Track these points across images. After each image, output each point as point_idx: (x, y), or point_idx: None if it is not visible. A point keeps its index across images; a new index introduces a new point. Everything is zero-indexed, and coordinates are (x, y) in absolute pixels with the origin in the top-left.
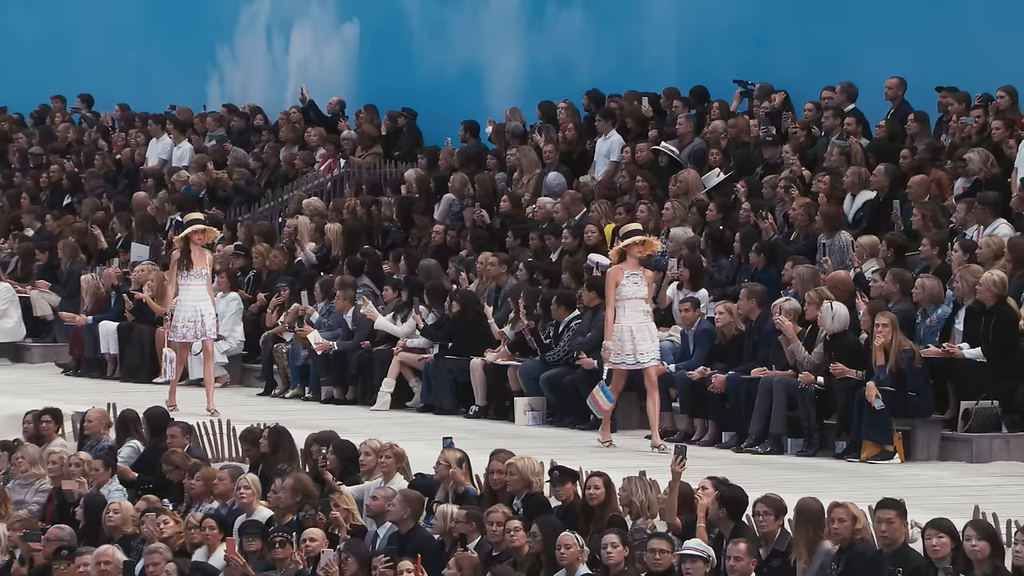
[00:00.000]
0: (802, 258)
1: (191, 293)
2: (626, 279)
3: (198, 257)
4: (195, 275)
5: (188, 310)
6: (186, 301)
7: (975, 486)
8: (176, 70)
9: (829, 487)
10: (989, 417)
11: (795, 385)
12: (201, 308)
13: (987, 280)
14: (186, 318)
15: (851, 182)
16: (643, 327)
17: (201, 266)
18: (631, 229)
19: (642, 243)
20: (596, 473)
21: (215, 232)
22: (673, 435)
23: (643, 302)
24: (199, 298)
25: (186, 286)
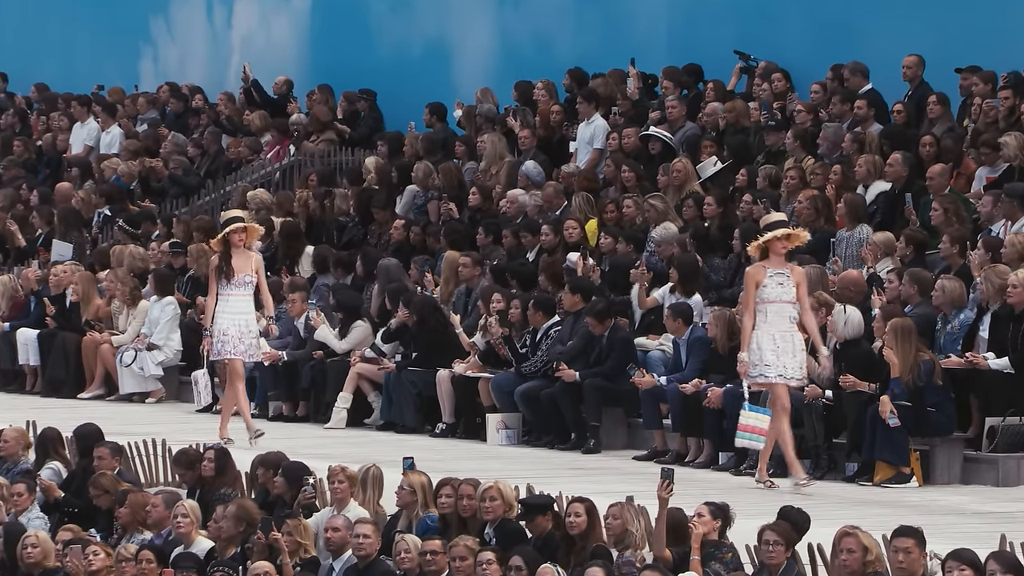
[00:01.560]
0: (808, 257)
1: (232, 305)
2: (769, 279)
3: (240, 262)
4: (237, 283)
5: (229, 324)
6: (227, 314)
7: (1001, 513)
8: (104, 45)
9: (838, 514)
10: (1017, 435)
11: (801, 400)
12: (242, 324)
13: (1016, 281)
14: (222, 331)
15: (864, 172)
16: (788, 336)
17: (245, 273)
18: (774, 220)
19: (787, 236)
20: (578, 499)
21: (258, 230)
22: (664, 456)
23: (790, 306)
24: (243, 310)
25: (227, 296)
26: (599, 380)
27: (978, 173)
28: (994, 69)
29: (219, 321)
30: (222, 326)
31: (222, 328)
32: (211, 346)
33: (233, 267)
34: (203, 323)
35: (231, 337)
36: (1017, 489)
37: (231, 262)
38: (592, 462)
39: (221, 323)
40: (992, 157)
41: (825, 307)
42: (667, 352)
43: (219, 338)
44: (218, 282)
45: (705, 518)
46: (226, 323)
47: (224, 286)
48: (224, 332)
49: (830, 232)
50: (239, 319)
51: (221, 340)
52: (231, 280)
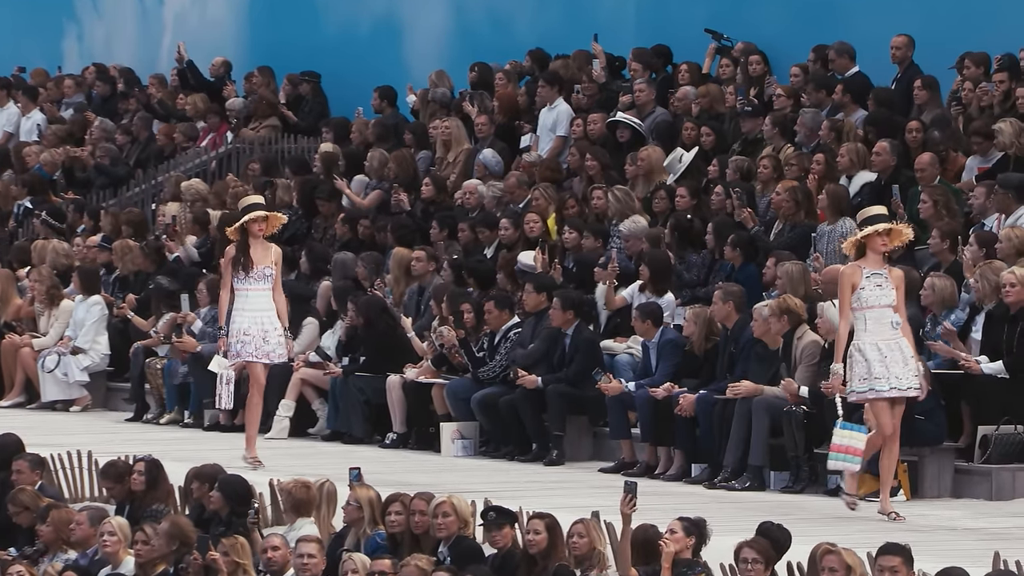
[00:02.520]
0: (787, 253)
1: (251, 301)
2: (866, 280)
3: (260, 253)
4: (256, 277)
5: (247, 322)
6: (245, 311)
7: (995, 529)
8: (24, 23)
9: (820, 529)
10: (1012, 445)
11: (780, 407)
12: (265, 321)
13: (1014, 279)
14: (242, 331)
15: (847, 162)
16: (893, 345)
17: (264, 265)
18: (873, 214)
19: (887, 233)
20: (538, 515)
21: (280, 218)
22: (632, 468)
23: (891, 311)
24: (261, 307)
25: (244, 291)
26: (562, 386)
27: (968, 163)
28: (987, 51)
29: (237, 320)
30: (241, 325)
31: (241, 327)
32: (227, 347)
33: (252, 259)
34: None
35: (253, 337)
36: (1012, 503)
37: (249, 253)
38: (555, 475)
39: (240, 322)
40: (984, 146)
41: (787, 314)
42: (636, 356)
43: (238, 338)
44: (234, 275)
45: (678, 535)
46: (246, 321)
47: (241, 280)
48: (244, 332)
49: (810, 226)
50: (260, 316)
51: (241, 340)
52: (249, 273)
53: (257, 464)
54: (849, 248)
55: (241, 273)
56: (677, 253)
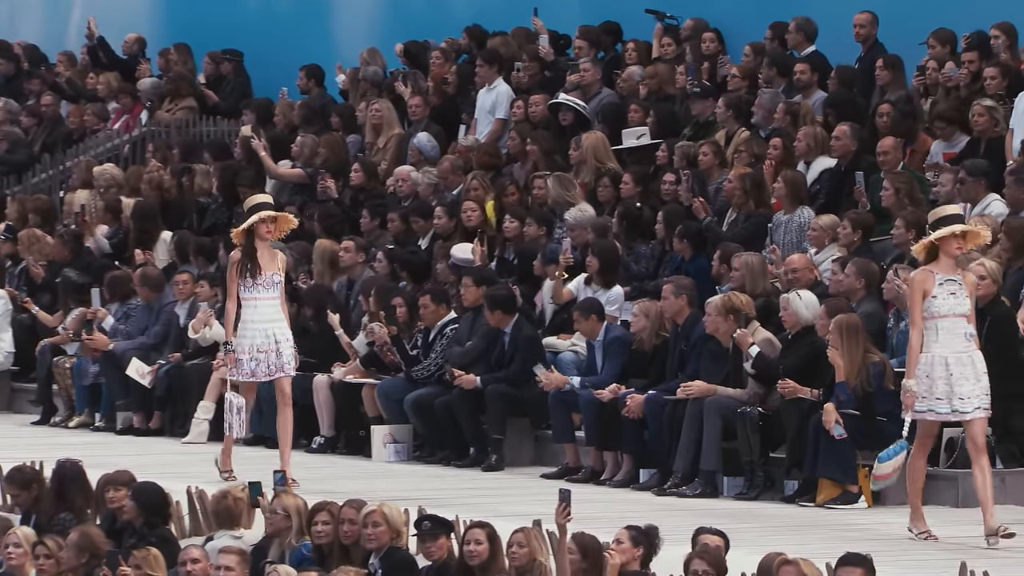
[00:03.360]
0: (736, 245)
1: (259, 311)
2: (939, 288)
3: (267, 258)
4: (264, 284)
5: (256, 335)
6: (253, 323)
7: (962, 538)
8: None
9: (776, 539)
10: None
11: (733, 408)
12: (275, 332)
13: (991, 271)
14: (254, 347)
15: (805, 147)
16: (965, 359)
17: (272, 271)
18: (947, 214)
19: (963, 235)
20: (477, 524)
21: (291, 221)
22: (576, 473)
23: (964, 321)
24: (271, 317)
25: (252, 301)
26: (502, 386)
27: (933, 148)
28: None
29: (248, 335)
30: (254, 341)
31: (254, 344)
32: (235, 366)
33: (260, 264)
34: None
35: (267, 353)
36: (979, 511)
37: (256, 257)
38: (494, 481)
39: (252, 337)
40: (949, 131)
41: (733, 313)
42: (580, 354)
43: (252, 355)
44: (240, 284)
45: (624, 545)
46: (258, 336)
47: (248, 288)
48: (258, 348)
49: (766, 216)
50: (271, 329)
51: (255, 359)
52: (257, 280)
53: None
54: (920, 251)
55: (248, 280)
56: (626, 244)
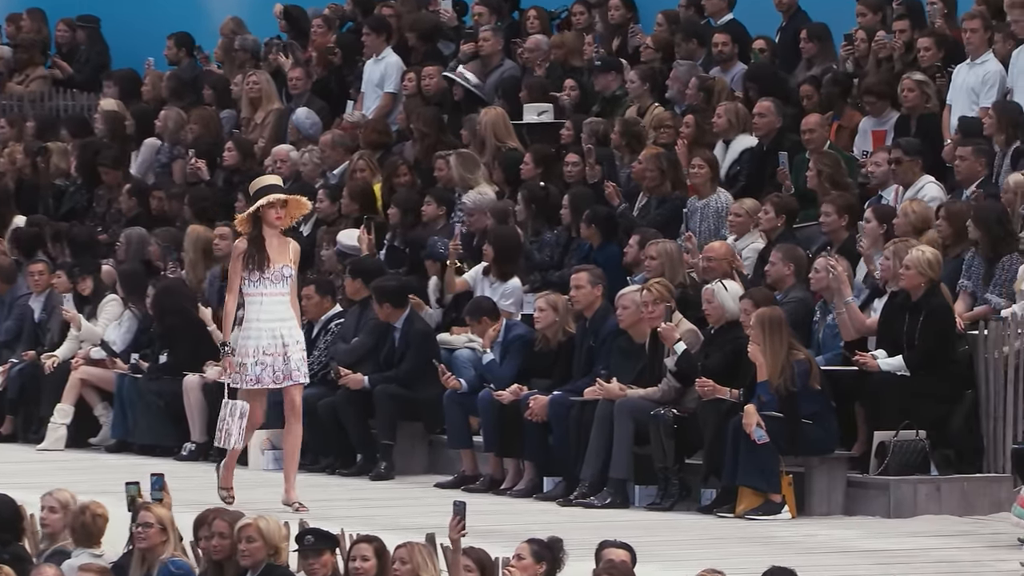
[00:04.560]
0: (654, 232)
1: (266, 308)
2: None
3: (277, 249)
4: (273, 278)
5: (262, 335)
6: (257, 321)
7: (893, 550)
8: None
9: (693, 552)
10: (913, 454)
11: (646, 410)
12: (283, 333)
13: (915, 261)
14: (259, 349)
15: (726, 124)
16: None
17: (282, 263)
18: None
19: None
20: (364, 538)
21: (303, 205)
22: (474, 482)
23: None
24: (279, 316)
25: (257, 297)
26: (392, 387)
27: (862, 125)
28: None
29: (251, 335)
30: (259, 343)
31: (259, 346)
32: (236, 371)
33: (268, 255)
34: (220, 335)
35: (273, 357)
36: (912, 521)
37: (265, 247)
38: (383, 491)
39: (256, 338)
40: (880, 106)
41: (661, 301)
42: (478, 350)
43: (256, 359)
44: (246, 277)
45: (526, 561)
46: (264, 337)
47: (255, 282)
48: (264, 351)
49: (680, 200)
50: (278, 329)
51: (261, 363)
52: (264, 273)
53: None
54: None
55: (255, 273)
56: (532, 229)
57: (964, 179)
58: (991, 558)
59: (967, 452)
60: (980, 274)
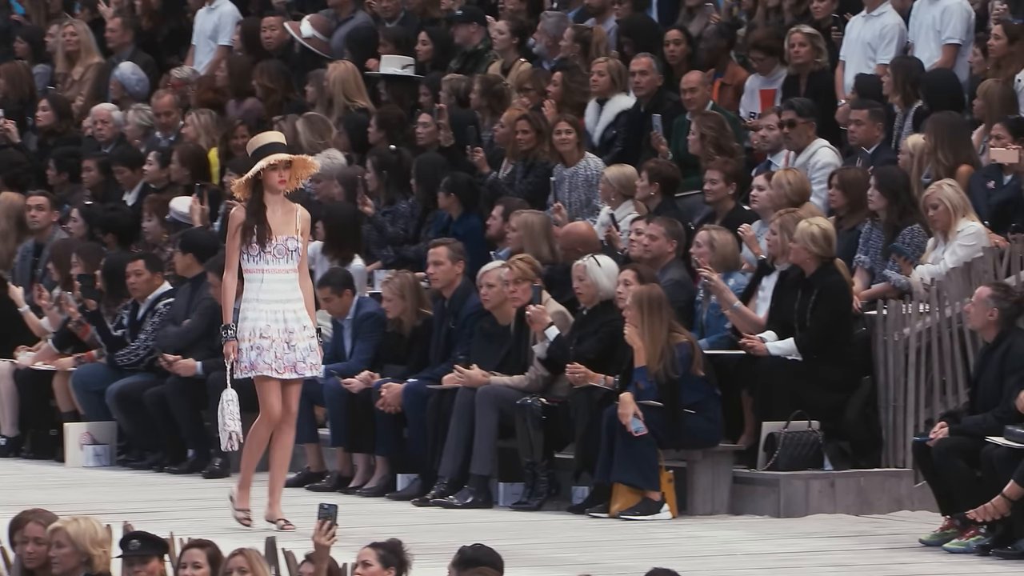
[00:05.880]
0: (520, 201)
1: (268, 287)
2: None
3: (280, 218)
4: (276, 253)
5: (260, 316)
6: (256, 301)
7: (782, 553)
8: None
9: (563, 556)
10: (805, 446)
11: (511, 399)
12: (289, 318)
13: (800, 234)
14: (258, 331)
15: (607, 82)
16: None
17: (287, 235)
18: None
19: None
20: (196, 543)
21: (310, 164)
22: (320, 480)
23: None
24: (282, 296)
25: (258, 274)
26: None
27: (749, 84)
28: None
29: (250, 315)
30: (257, 323)
31: (257, 327)
32: (238, 355)
33: (270, 226)
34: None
35: (273, 341)
36: (804, 520)
37: (266, 218)
38: (218, 490)
39: (255, 319)
40: (768, 63)
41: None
42: (325, 334)
43: (253, 343)
44: (245, 251)
45: (374, 568)
46: (263, 318)
47: (254, 257)
48: (262, 333)
49: (546, 167)
50: (282, 310)
51: (257, 346)
52: (266, 247)
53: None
54: None
55: (255, 247)
56: (385, 199)
57: (859, 144)
58: (889, 561)
59: (864, 444)
60: (879, 248)
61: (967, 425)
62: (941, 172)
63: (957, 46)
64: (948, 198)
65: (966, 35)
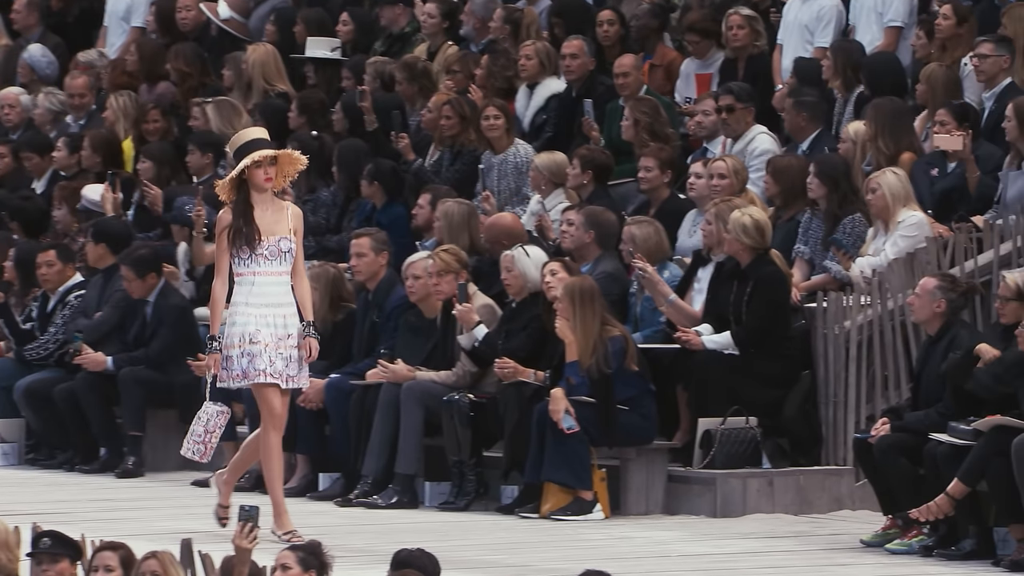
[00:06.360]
0: (446, 188)
1: (259, 290)
2: None
3: (270, 217)
4: (267, 254)
5: (250, 321)
6: (245, 305)
7: (719, 555)
8: None
9: (492, 558)
10: (742, 444)
11: (438, 396)
12: (279, 324)
13: (733, 224)
14: (248, 336)
15: (537, 65)
16: None
17: (279, 235)
18: None
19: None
20: (108, 545)
21: (297, 160)
22: (240, 479)
23: None
24: (275, 300)
25: (247, 277)
26: (141, 369)
27: (684, 68)
28: None
29: (239, 320)
30: (246, 328)
31: (247, 332)
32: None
33: (258, 227)
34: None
35: (265, 347)
36: (741, 520)
37: (254, 219)
38: (131, 490)
39: (244, 323)
40: (704, 46)
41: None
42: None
43: (244, 348)
44: (234, 254)
45: (293, 571)
46: (252, 323)
47: (244, 260)
48: (251, 338)
49: (474, 153)
50: (270, 316)
51: (248, 353)
52: (256, 249)
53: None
54: None
55: (244, 250)
56: (305, 186)
57: (792, 131)
58: (829, 562)
59: (803, 442)
60: (819, 238)
61: (909, 421)
62: (882, 161)
63: (900, 28)
64: (888, 185)
65: (909, 17)
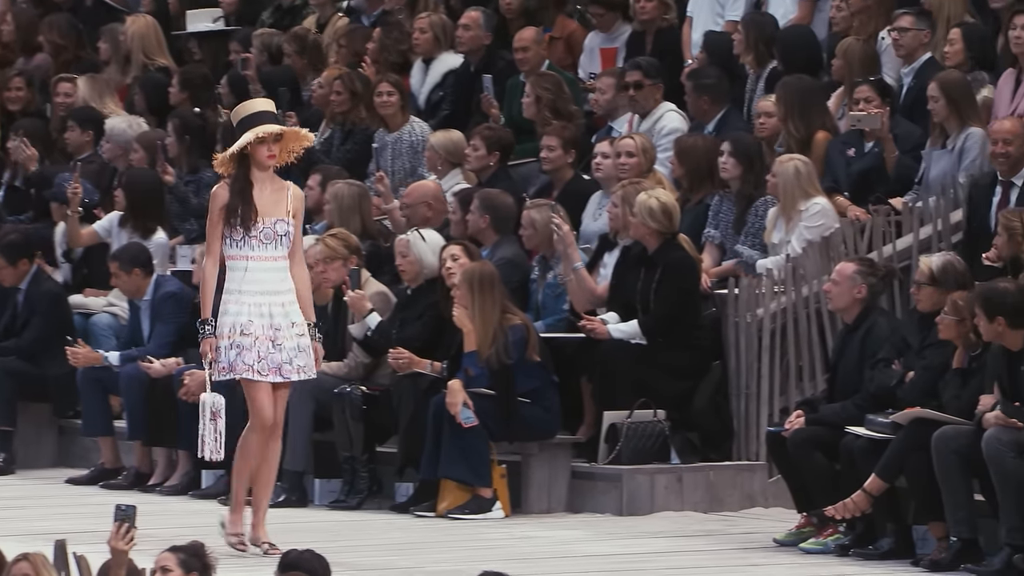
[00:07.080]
0: (337, 169)
1: (252, 276)
2: None
3: (269, 198)
4: (263, 238)
5: (242, 310)
6: (238, 293)
7: (625, 555)
8: None
9: (385, 559)
10: (650, 438)
11: (328, 388)
12: (276, 312)
13: (638, 207)
14: (239, 326)
15: (431, 39)
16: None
17: (276, 217)
18: None
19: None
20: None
21: (305, 138)
22: (116, 477)
23: None
24: (270, 288)
25: (240, 261)
26: (12, 360)
27: (588, 43)
28: None
29: (231, 308)
30: (238, 318)
31: (238, 322)
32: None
33: (256, 208)
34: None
35: (257, 339)
36: (649, 519)
37: (252, 198)
38: (1, 488)
39: (235, 313)
40: (609, 19)
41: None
42: (121, 316)
43: (233, 340)
44: (228, 235)
45: (173, 573)
46: (245, 312)
47: (237, 243)
48: (242, 329)
49: (367, 132)
50: (265, 305)
51: (238, 344)
52: (251, 231)
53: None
54: None
55: (238, 231)
56: (188, 166)
57: (694, 114)
58: (741, 562)
59: (714, 436)
60: (730, 221)
61: (825, 414)
62: (793, 144)
63: (814, 1)
64: (785, 175)
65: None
